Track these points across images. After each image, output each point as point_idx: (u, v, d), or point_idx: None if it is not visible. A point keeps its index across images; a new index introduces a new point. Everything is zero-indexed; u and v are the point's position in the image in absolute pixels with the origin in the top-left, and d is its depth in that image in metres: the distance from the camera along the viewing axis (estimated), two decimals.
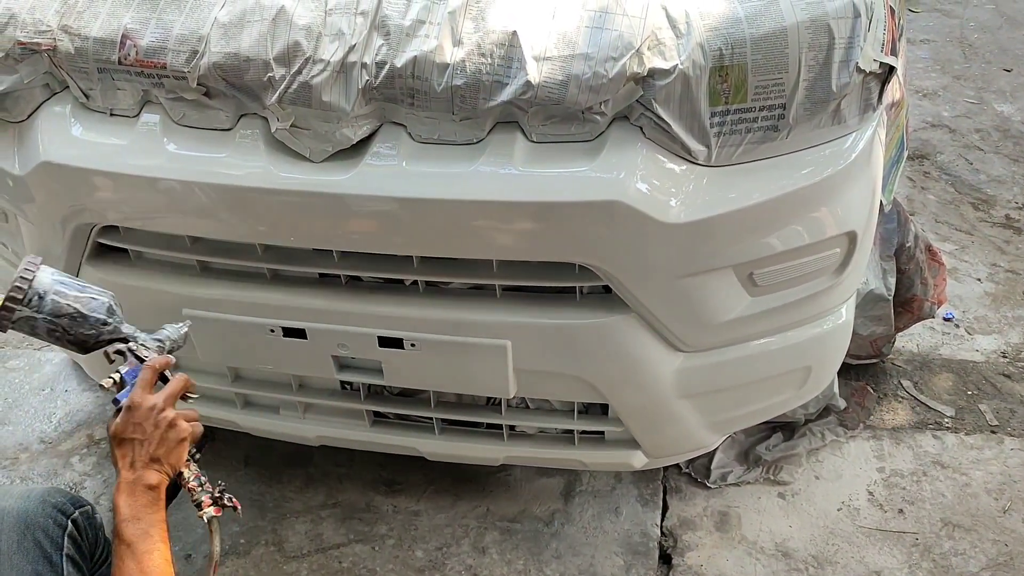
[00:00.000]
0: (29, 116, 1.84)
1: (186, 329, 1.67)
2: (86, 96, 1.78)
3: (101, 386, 1.57)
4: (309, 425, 2.19)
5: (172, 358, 1.60)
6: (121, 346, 1.60)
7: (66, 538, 1.50)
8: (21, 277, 1.52)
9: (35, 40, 1.71)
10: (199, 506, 1.51)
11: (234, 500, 1.54)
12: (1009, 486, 2.45)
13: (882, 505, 2.41)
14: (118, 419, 1.48)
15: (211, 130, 1.74)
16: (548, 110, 1.58)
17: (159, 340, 1.63)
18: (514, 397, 1.97)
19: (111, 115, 1.78)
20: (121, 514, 1.40)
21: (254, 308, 1.89)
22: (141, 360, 1.57)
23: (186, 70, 1.65)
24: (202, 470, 1.54)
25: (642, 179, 1.62)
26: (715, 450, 2.46)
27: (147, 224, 1.84)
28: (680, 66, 1.54)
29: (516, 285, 1.82)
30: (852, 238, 1.82)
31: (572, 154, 1.63)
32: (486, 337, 1.82)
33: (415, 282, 1.86)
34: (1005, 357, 2.90)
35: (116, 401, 1.52)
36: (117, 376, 1.56)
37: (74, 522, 1.54)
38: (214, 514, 1.51)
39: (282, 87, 1.61)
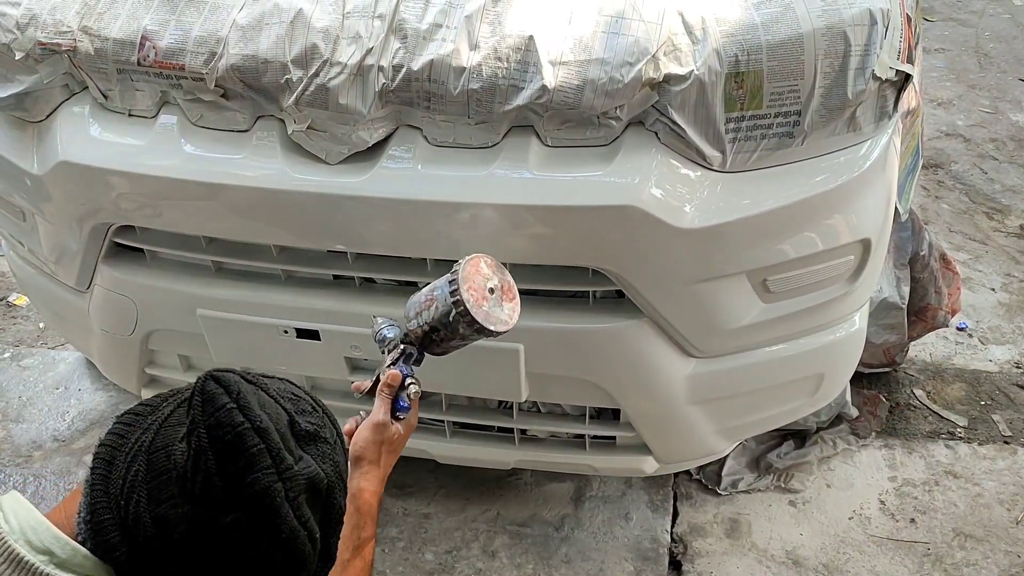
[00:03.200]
0: (48, 116, 1.85)
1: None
2: (105, 97, 1.79)
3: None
4: None
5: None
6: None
7: None
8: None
9: (55, 41, 1.73)
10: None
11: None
12: (1022, 497, 2.43)
13: (894, 514, 2.40)
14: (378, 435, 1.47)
15: (228, 131, 1.75)
16: (563, 114, 1.58)
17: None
18: (526, 401, 1.97)
19: (129, 116, 1.80)
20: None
21: (268, 309, 1.90)
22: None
23: (204, 72, 1.66)
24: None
25: (657, 184, 1.62)
26: (726, 457, 2.46)
27: (163, 224, 1.85)
28: (696, 72, 1.54)
29: (529, 289, 1.82)
30: (866, 246, 1.82)
31: (587, 159, 1.63)
32: (498, 340, 1.82)
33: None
34: (1019, 367, 2.88)
35: (399, 412, 1.49)
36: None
37: None
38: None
39: (299, 89, 1.62)
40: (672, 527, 2.38)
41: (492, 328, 1.45)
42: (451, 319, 1.43)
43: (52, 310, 2.38)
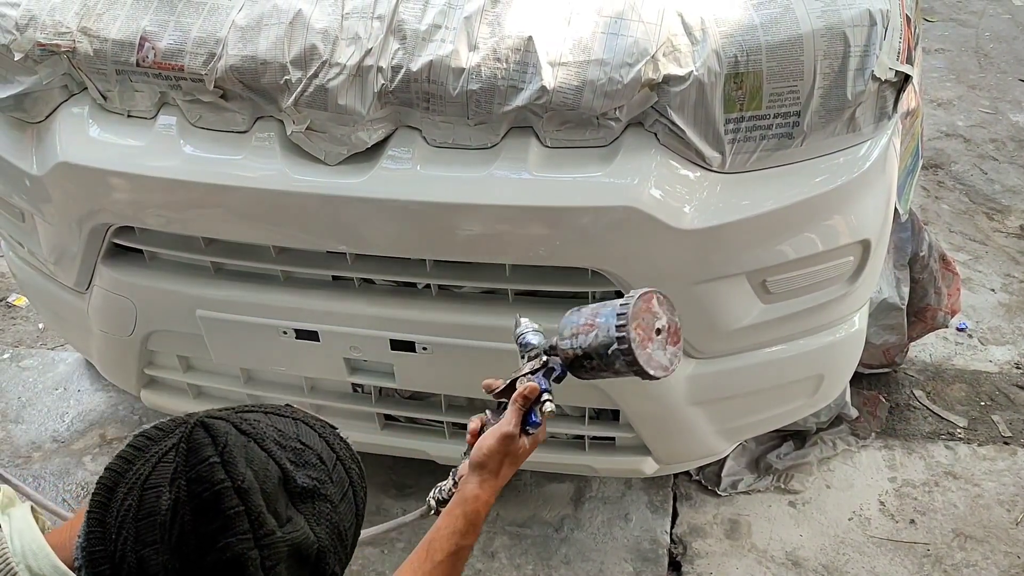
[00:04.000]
0: (47, 117, 1.85)
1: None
2: (104, 97, 1.79)
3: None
4: None
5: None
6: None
7: None
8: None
9: (55, 42, 1.73)
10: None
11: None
12: (1022, 497, 2.43)
13: (893, 515, 2.40)
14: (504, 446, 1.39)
15: (227, 132, 1.75)
16: (563, 115, 1.58)
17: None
18: None
19: (128, 116, 1.80)
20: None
21: (267, 310, 1.90)
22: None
23: (203, 72, 1.66)
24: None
25: (656, 185, 1.62)
26: (726, 458, 2.46)
27: (162, 225, 1.85)
28: (695, 73, 1.54)
29: (528, 289, 1.83)
30: (866, 246, 1.82)
31: (586, 159, 1.63)
32: (498, 341, 1.82)
33: (428, 285, 1.86)
34: (1019, 368, 2.88)
35: (529, 427, 1.40)
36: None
37: None
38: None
39: (298, 90, 1.62)
40: (672, 528, 2.38)
41: (651, 372, 1.34)
42: (610, 352, 1.34)
43: (51, 311, 2.38)
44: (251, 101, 1.70)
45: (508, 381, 1.43)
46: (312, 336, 1.89)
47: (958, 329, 3.02)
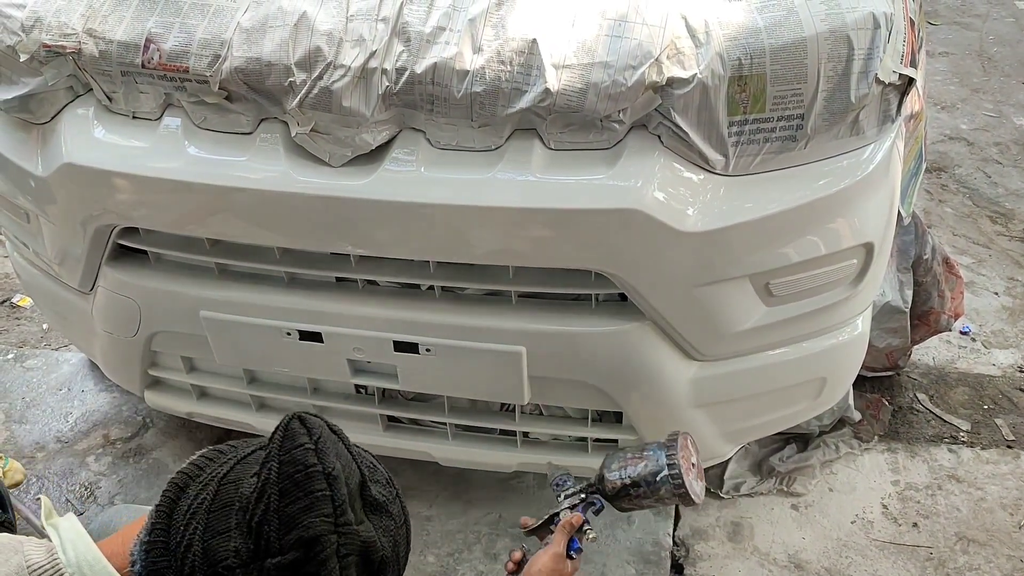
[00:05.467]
0: (53, 118, 1.86)
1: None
2: (109, 99, 1.79)
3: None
4: None
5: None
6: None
7: None
8: None
9: (60, 43, 1.73)
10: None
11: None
12: None
13: (896, 518, 2.40)
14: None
15: (232, 134, 1.75)
16: (566, 118, 1.58)
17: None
18: (528, 403, 1.97)
19: (133, 118, 1.80)
20: None
21: (271, 311, 1.90)
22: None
23: (208, 74, 1.66)
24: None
25: (659, 187, 1.62)
26: (728, 460, 2.46)
27: (167, 226, 1.86)
28: (699, 75, 1.54)
29: (532, 292, 1.83)
30: (869, 249, 1.82)
31: (590, 162, 1.63)
32: (501, 343, 1.82)
33: (431, 287, 1.87)
34: (1022, 372, 2.88)
35: (572, 552, 1.58)
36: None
37: None
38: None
39: (303, 92, 1.62)
40: (674, 530, 2.37)
41: (691, 497, 1.59)
42: (658, 479, 1.58)
43: (56, 311, 2.38)
44: (255, 103, 1.70)
45: (543, 519, 1.64)
46: (316, 337, 1.90)
47: (961, 332, 3.02)
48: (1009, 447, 2.60)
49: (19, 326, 3.20)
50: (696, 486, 1.62)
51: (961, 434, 2.65)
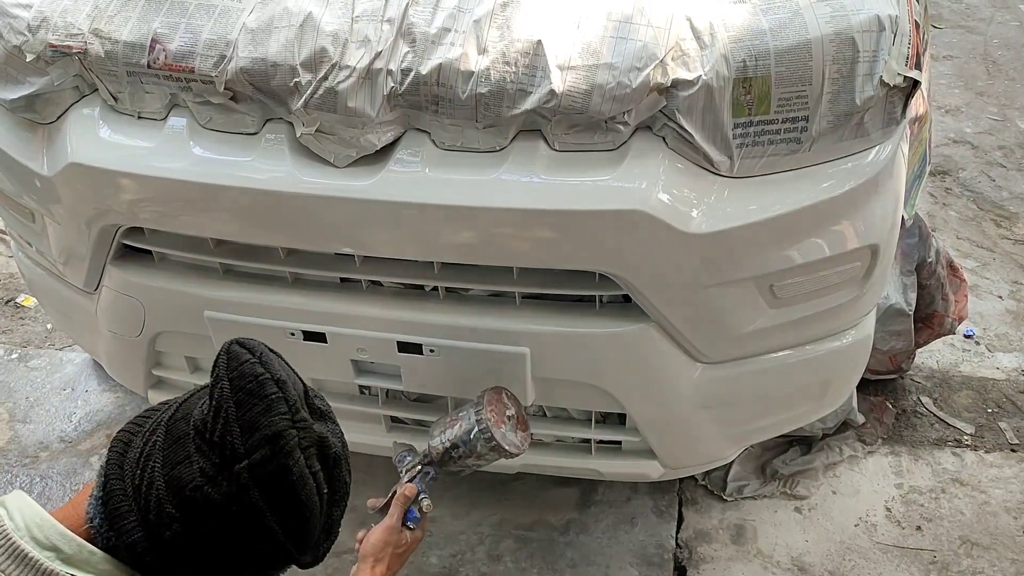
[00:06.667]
0: (58, 118, 1.86)
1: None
2: (115, 99, 1.80)
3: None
4: None
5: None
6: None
7: None
8: None
9: (66, 43, 1.74)
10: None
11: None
12: None
13: (900, 522, 2.39)
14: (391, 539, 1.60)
15: (237, 134, 1.75)
16: (571, 119, 1.58)
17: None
18: (532, 405, 1.97)
19: (139, 118, 1.81)
20: None
21: (275, 311, 1.90)
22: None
23: (214, 74, 1.66)
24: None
25: (664, 189, 1.62)
26: (732, 463, 2.46)
27: (171, 226, 1.86)
28: (704, 77, 1.54)
29: (536, 293, 1.83)
30: (874, 252, 1.82)
31: (594, 163, 1.63)
32: (505, 344, 1.82)
33: (435, 288, 1.87)
34: None
35: (410, 522, 1.65)
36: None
37: None
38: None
39: (308, 92, 1.62)
40: (677, 533, 2.37)
41: (506, 448, 1.67)
42: (471, 436, 1.66)
43: (60, 311, 2.39)
44: (261, 103, 1.70)
45: (388, 496, 1.68)
46: (319, 338, 1.90)
47: (965, 336, 3.02)
48: (1013, 451, 2.60)
49: (23, 326, 3.20)
50: (512, 436, 1.69)
51: (965, 437, 2.64)
